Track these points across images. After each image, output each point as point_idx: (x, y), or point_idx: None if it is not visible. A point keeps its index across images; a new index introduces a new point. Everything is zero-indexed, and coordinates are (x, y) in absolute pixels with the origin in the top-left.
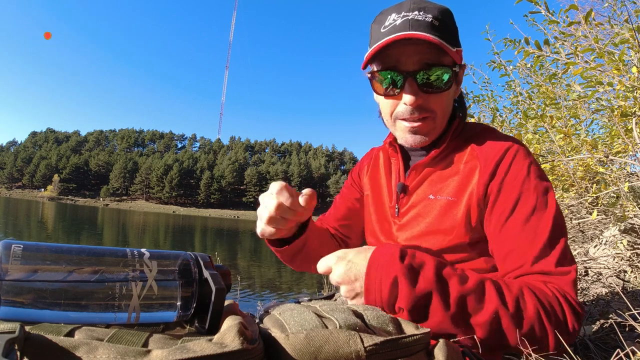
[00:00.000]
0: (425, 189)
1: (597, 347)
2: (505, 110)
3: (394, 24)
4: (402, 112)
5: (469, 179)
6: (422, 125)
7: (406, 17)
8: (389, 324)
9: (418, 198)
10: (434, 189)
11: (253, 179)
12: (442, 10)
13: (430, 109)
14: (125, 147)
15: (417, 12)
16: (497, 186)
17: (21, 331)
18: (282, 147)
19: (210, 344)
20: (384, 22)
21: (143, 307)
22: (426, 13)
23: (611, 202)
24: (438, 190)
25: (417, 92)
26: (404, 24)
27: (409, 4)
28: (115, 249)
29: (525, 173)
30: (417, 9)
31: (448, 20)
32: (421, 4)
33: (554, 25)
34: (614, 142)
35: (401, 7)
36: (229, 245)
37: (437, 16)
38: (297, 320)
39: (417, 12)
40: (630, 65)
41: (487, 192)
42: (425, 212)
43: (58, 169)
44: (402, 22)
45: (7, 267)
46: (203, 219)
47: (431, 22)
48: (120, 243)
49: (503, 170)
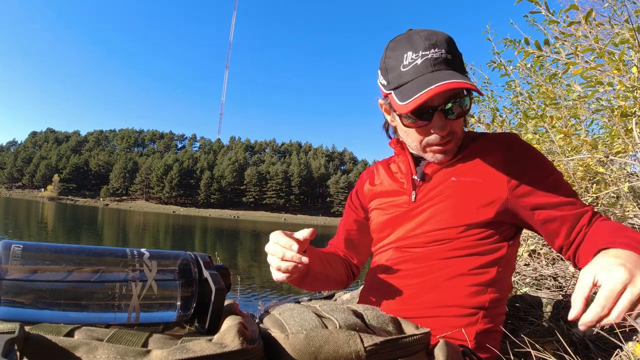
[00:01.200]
0: (447, 173)
1: (597, 347)
2: (505, 110)
3: (415, 64)
4: (433, 140)
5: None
6: (451, 146)
7: (425, 57)
8: (389, 323)
9: (438, 181)
10: (455, 173)
11: (253, 179)
12: (450, 42)
13: (454, 132)
14: (125, 147)
15: (433, 50)
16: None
17: (21, 331)
18: (282, 147)
19: (210, 344)
20: (402, 61)
21: (143, 307)
22: (440, 48)
23: (611, 202)
24: (460, 173)
25: (445, 123)
26: (425, 63)
27: (422, 42)
28: (115, 249)
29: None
30: (431, 47)
31: (456, 50)
32: (431, 39)
33: (554, 25)
34: (614, 142)
35: (413, 44)
36: (229, 245)
37: (449, 50)
38: (297, 320)
39: (433, 50)
40: (631, 65)
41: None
42: (448, 191)
43: (58, 169)
44: (424, 62)
45: (7, 267)
46: (203, 219)
47: (446, 57)
48: (120, 243)
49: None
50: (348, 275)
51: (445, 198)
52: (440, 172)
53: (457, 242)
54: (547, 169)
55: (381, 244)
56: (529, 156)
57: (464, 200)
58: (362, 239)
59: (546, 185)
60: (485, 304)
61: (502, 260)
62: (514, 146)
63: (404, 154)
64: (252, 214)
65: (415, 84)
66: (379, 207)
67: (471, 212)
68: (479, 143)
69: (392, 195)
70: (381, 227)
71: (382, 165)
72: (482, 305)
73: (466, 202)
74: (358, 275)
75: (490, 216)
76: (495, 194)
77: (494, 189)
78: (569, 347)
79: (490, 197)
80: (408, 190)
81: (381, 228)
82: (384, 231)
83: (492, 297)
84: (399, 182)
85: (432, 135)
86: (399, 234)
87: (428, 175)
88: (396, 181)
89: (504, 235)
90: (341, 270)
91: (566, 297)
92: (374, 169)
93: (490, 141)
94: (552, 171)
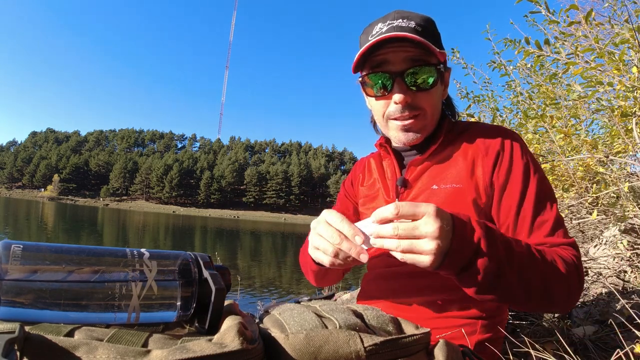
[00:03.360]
0: (427, 181)
1: (597, 347)
2: (505, 110)
3: (380, 31)
4: (394, 111)
5: (471, 167)
6: (413, 122)
7: (391, 25)
8: (389, 324)
9: (420, 189)
10: (436, 180)
11: (253, 179)
12: (424, 19)
13: (419, 107)
14: (125, 147)
15: (401, 20)
16: (503, 175)
17: (21, 331)
18: (282, 147)
19: (210, 344)
20: (372, 32)
21: (143, 307)
22: (409, 20)
23: (611, 202)
24: (440, 180)
25: (406, 90)
26: (389, 30)
27: (393, 15)
28: (115, 249)
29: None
30: (400, 18)
31: (430, 26)
32: (405, 14)
33: (554, 25)
34: (614, 142)
35: (386, 17)
36: (229, 245)
37: (419, 23)
38: (297, 320)
39: (401, 20)
40: (630, 65)
41: (492, 180)
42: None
43: (58, 169)
44: (388, 29)
45: (7, 267)
46: (203, 219)
47: (414, 27)
48: (120, 243)
49: (506, 159)
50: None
51: None
52: (421, 179)
53: None
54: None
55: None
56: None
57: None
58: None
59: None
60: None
61: None
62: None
63: (389, 157)
64: (252, 214)
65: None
66: (365, 212)
67: None
68: (463, 138)
69: (379, 198)
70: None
71: (374, 160)
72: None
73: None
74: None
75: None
76: (477, 197)
77: (475, 192)
78: (569, 347)
79: (472, 202)
80: (392, 199)
81: None
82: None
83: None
84: (386, 184)
85: (392, 107)
86: None
87: (409, 182)
88: (384, 183)
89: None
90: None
91: None
92: (365, 165)
93: (475, 136)
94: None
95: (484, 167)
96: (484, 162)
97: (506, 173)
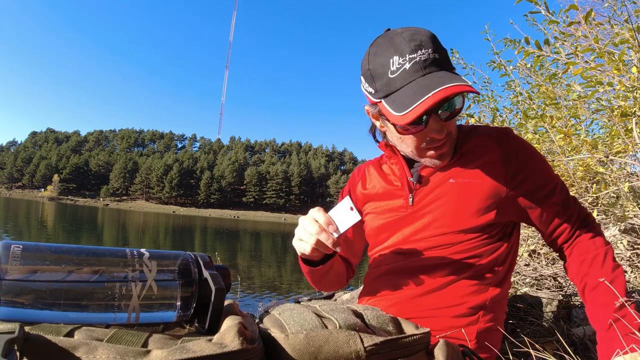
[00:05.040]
0: (444, 175)
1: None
2: (505, 110)
3: (403, 69)
4: (429, 144)
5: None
6: (447, 148)
7: (414, 61)
8: (389, 323)
9: (436, 184)
10: (453, 174)
11: (253, 179)
12: (433, 39)
13: (449, 132)
14: (125, 147)
15: (420, 51)
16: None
17: (21, 331)
18: (282, 147)
19: (209, 344)
20: (389, 67)
21: (143, 307)
22: (426, 49)
23: (611, 202)
24: (458, 174)
25: (442, 126)
26: (414, 67)
27: (406, 44)
28: (115, 249)
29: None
30: (417, 48)
31: (441, 47)
32: (415, 39)
33: (554, 25)
34: (614, 142)
35: (398, 48)
36: (229, 245)
37: (435, 49)
38: (297, 320)
39: (420, 51)
40: (630, 65)
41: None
42: (447, 195)
43: (58, 169)
44: (413, 66)
45: (7, 267)
46: (203, 219)
47: (435, 57)
48: (120, 243)
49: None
50: (348, 274)
51: (445, 202)
52: (437, 174)
53: (459, 246)
54: (540, 161)
55: (379, 247)
56: (526, 151)
57: (464, 204)
58: (357, 238)
59: (541, 178)
60: (486, 302)
61: (502, 258)
62: (510, 141)
63: (396, 157)
64: (252, 214)
65: (409, 91)
66: (373, 211)
67: (472, 215)
68: (473, 140)
69: (387, 198)
70: (377, 231)
71: (373, 166)
72: (483, 304)
73: (466, 205)
74: (353, 276)
75: (491, 218)
76: (494, 193)
77: (493, 188)
78: (569, 347)
79: (490, 197)
80: (404, 194)
81: (377, 232)
82: (380, 235)
83: (492, 295)
84: (393, 184)
85: (429, 140)
86: (398, 238)
87: (425, 177)
88: (390, 184)
89: (504, 233)
90: (344, 268)
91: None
92: (365, 171)
93: (483, 136)
94: (546, 165)
95: (503, 163)
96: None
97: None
